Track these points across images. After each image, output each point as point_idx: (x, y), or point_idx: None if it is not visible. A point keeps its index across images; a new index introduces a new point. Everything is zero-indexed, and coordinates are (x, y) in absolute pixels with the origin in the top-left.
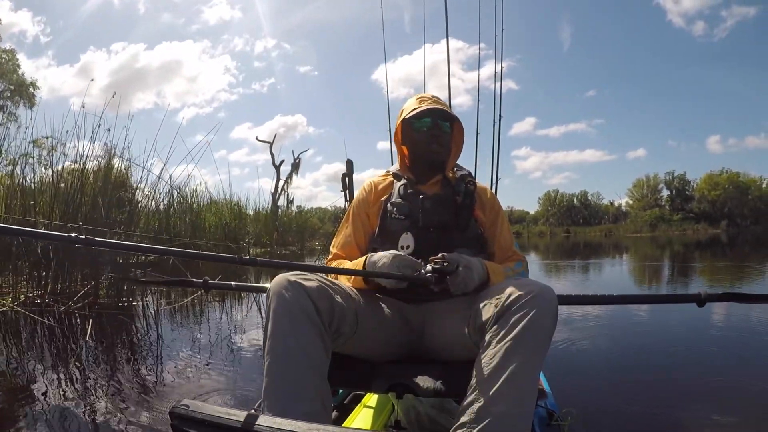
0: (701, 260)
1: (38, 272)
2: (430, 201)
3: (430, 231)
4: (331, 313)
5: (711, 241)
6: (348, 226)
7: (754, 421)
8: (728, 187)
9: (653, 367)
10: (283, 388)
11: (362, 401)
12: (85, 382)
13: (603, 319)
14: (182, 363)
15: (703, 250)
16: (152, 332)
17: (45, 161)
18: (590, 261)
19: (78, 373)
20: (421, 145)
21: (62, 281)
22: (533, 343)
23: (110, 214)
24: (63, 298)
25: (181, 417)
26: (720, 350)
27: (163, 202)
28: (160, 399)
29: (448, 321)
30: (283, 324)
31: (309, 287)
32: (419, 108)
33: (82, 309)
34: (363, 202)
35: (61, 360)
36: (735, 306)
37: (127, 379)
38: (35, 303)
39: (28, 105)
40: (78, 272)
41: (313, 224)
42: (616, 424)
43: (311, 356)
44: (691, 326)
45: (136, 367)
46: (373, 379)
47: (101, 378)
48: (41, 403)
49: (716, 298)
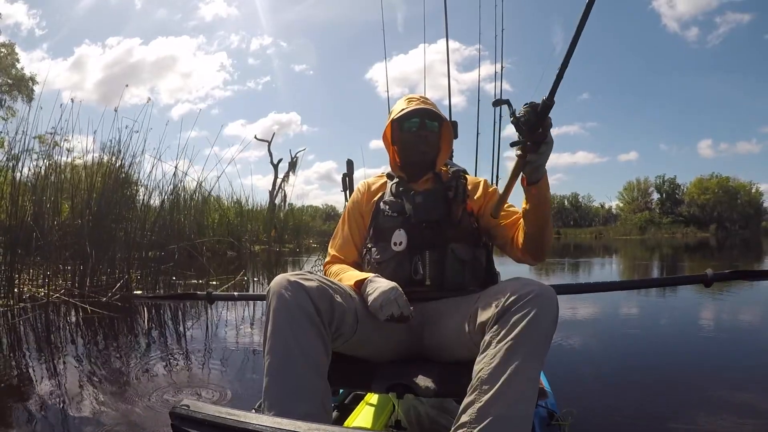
0: (690, 261)
1: (74, 266)
2: (421, 196)
3: (422, 226)
4: (331, 313)
5: (700, 244)
6: (344, 228)
7: (756, 420)
8: (718, 191)
9: (655, 367)
10: (284, 387)
11: (362, 401)
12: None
13: (605, 318)
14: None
15: (691, 253)
16: (179, 326)
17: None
18: (580, 260)
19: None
20: (409, 145)
21: (100, 274)
22: (534, 343)
23: (118, 210)
24: (100, 291)
25: (181, 417)
26: (722, 350)
27: (168, 198)
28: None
29: (448, 321)
30: (283, 324)
31: (309, 287)
32: (407, 108)
33: (119, 300)
34: (357, 203)
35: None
36: (741, 306)
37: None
38: (74, 294)
39: (26, 100)
40: (110, 267)
41: (307, 222)
42: (617, 425)
43: (311, 356)
44: (695, 327)
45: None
46: (373, 379)
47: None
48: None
49: (723, 277)
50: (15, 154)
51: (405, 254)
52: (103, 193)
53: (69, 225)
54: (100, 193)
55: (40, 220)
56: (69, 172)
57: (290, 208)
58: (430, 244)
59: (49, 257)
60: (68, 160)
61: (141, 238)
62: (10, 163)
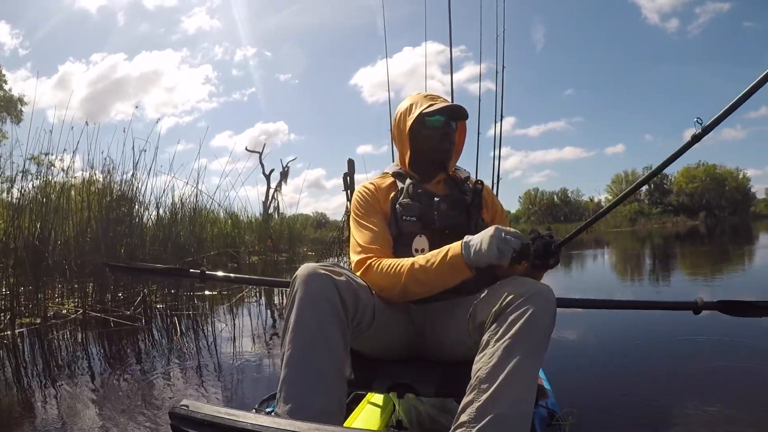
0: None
1: (94, 283)
2: (444, 203)
3: (444, 233)
4: (355, 308)
5: (690, 232)
6: (372, 220)
7: (756, 417)
8: (705, 179)
9: (656, 367)
10: (304, 380)
11: (363, 401)
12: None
13: (606, 317)
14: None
15: (682, 242)
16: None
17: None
18: (573, 252)
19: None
20: (431, 141)
21: (116, 290)
22: (532, 342)
23: (113, 229)
24: (120, 305)
25: (180, 417)
26: (724, 349)
27: (167, 213)
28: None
29: (449, 320)
30: (309, 315)
31: (338, 281)
32: (435, 105)
33: (143, 313)
34: (374, 199)
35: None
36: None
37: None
38: (97, 309)
39: (15, 121)
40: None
41: (300, 231)
42: (619, 425)
43: (334, 351)
44: (694, 325)
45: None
46: (374, 379)
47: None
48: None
49: (712, 306)
50: (9, 176)
51: None
52: (100, 211)
53: (85, 243)
54: (100, 211)
55: (50, 239)
56: (69, 191)
57: (283, 218)
58: None
59: (69, 275)
60: (66, 179)
61: (143, 255)
62: (5, 185)
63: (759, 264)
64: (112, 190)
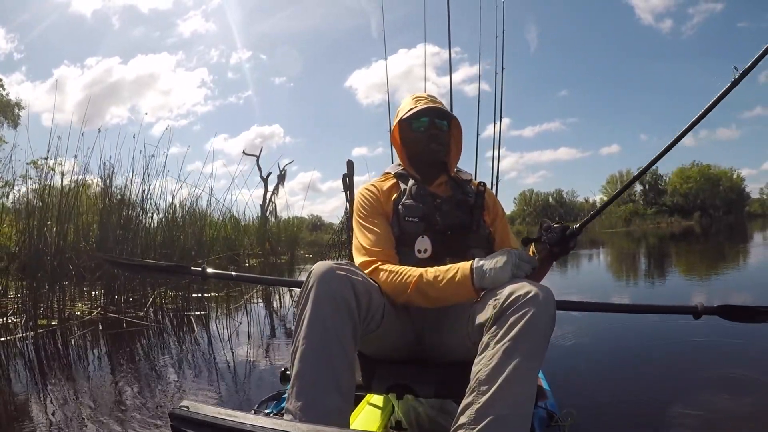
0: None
1: (105, 286)
2: (447, 205)
3: (446, 233)
4: (368, 309)
5: (685, 232)
6: (375, 221)
7: (756, 417)
8: (700, 179)
9: (655, 368)
10: (317, 378)
11: (362, 402)
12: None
13: (605, 318)
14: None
15: (677, 242)
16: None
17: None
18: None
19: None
20: (419, 144)
21: (127, 292)
22: (531, 344)
23: (116, 234)
24: (131, 307)
25: (180, 418)
26: (722, 350)
27: (166, 217)
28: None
29: (448, 322)
30: (324, 313)
31: (355, 280)
32: (416, 108)
33: (154, 314)
34: (376, 201)
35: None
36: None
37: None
38: (111, 310)
39: (12, 125)
40: (139, 285)
41: (297, 234)
42: (617, 426)
43: (347, 350)
44: (693, 327)
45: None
46: (373, 380)
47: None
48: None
49: (713, 311)
50: (9, 180)
51: (429, 261)
52: (102, 216)
53: (96, 247)
54: (102, 215)
55: (53, 244)
56: (69, 195)
57: (280, 221)
58: (453, 250)
59: (83, 279)
60: (65, 184)
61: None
62: (6, 189)
63: (754, 262)
64: (122, 196)
